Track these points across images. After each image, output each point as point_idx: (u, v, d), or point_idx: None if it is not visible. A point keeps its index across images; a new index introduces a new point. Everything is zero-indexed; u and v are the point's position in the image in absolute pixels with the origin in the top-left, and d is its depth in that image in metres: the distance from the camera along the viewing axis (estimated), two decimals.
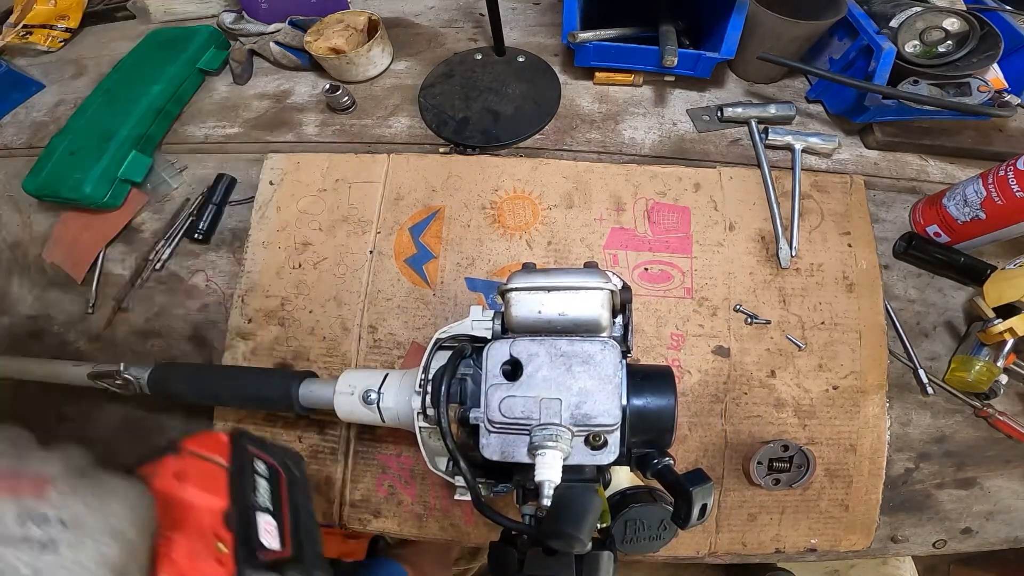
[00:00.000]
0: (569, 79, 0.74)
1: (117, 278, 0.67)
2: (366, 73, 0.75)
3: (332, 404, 0.45)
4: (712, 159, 0.68)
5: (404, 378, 0.43)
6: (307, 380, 0.48)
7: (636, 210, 0.64)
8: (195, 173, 0.72)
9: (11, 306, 0.69)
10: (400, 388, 0.43)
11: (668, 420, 0.35)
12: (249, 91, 0.77)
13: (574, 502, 0.29)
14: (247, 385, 0.50)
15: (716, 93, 0.73)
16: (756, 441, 0.56)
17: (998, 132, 0.69)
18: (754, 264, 0.62)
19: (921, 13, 0.61)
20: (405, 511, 0.57)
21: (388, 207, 0.66)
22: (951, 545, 0.58)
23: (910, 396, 0.59)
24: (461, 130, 0.69)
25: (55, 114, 0.79)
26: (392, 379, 0.44)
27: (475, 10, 0.82)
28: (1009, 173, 0.52)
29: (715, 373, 0.59)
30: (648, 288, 0.61)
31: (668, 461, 0.34)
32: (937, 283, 0.63)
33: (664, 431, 0.36)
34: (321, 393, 0.46)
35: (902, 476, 0.58)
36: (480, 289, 0.62)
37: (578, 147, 0.69)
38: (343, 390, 0.44)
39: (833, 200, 0.65)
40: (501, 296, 0.37)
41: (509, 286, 0.36)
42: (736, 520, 0.56)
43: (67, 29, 0.87)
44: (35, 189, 0.66)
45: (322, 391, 0.46)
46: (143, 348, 0.65)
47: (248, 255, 0.65)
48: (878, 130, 0.67)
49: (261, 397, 0.49)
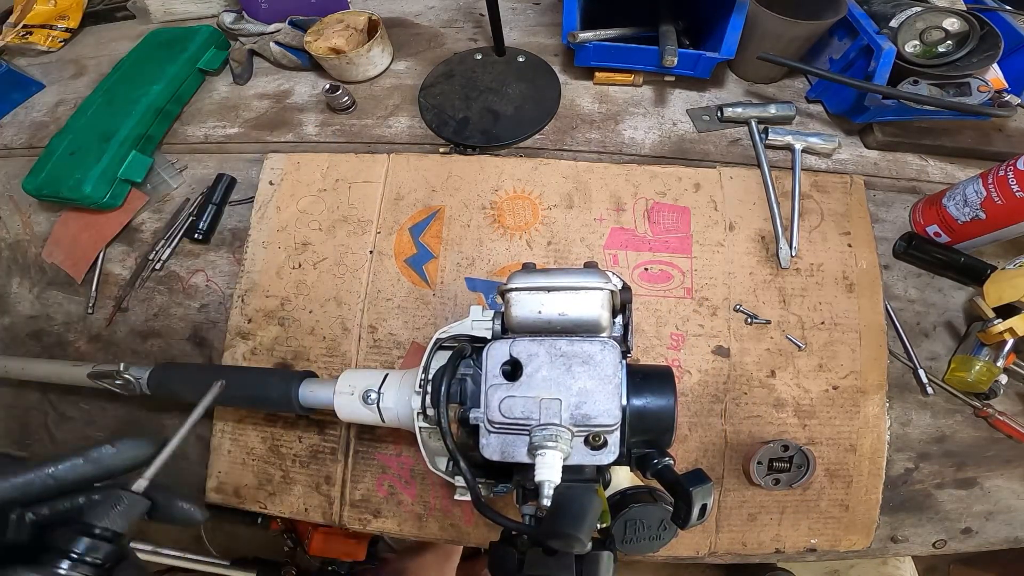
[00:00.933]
0: (569, 79, 0.74)
1: (117, 278, 0.67)
2: (366, 73, 0.75)
3: (332, 404, 0.45)
4: (712, 159, 0.68)
5: (404, 378, 0.43)
6: (307, 380, 0.48)
7: (636, 210, 0.64)
8: (195, 173, 0.72)
9: (11, 306, 0.69)
10: (400, 388, 0.43)
11: (668, 420, 0.35)
12: (249, 91, 0.77)
13: (574, 502, 0.29)
14: (247, 385, 0.50)
15: (716, 93, 0.73)
16: (756, 441, 0.56)
17: (998, 132, 0.69)
18: (754, 264, 0.62)
19: (921, 13, 0.61)
20: (405, 511, 0.57)
21: (388, 207, 0.66)
22: (951, 545, 0.58)
23: (910, 396, 0.59)
24: (461, 130, 0.69)
25: (55, 114, 0.79)
26: (392, 379, 0.44)
27: (475, 10, 0.82)
28: (1009, 173, 0.52)
29: (715, 373, 0.59)
30: (648, 288, 0.61)
31: (668, 461, 0.34)
32: (937, 283, 0.63)
33: (664, 431, 0.36)
34: (321, 393, 0.46)
35: (902, 476, 0.58)
36: (480, 289, 0.62)
37: (578, 147, 0.69)
38: (343, 390, 0.44)
39: (833, 200, 0.65)
40: (501, 296, 0.37)
41: (509, 286, 0.36)
42: (736, 520, 0.56)
43: (67, 29, 0.87)
44: (35, 189, 0.66)
45: (322, 391, 0.46)
46: (143, 348, 0.65)
47: (248, 255, 0.65)
48: (878, 130, 0.67)
49: (261, 397, 0.49)
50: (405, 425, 0.42)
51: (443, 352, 0.41)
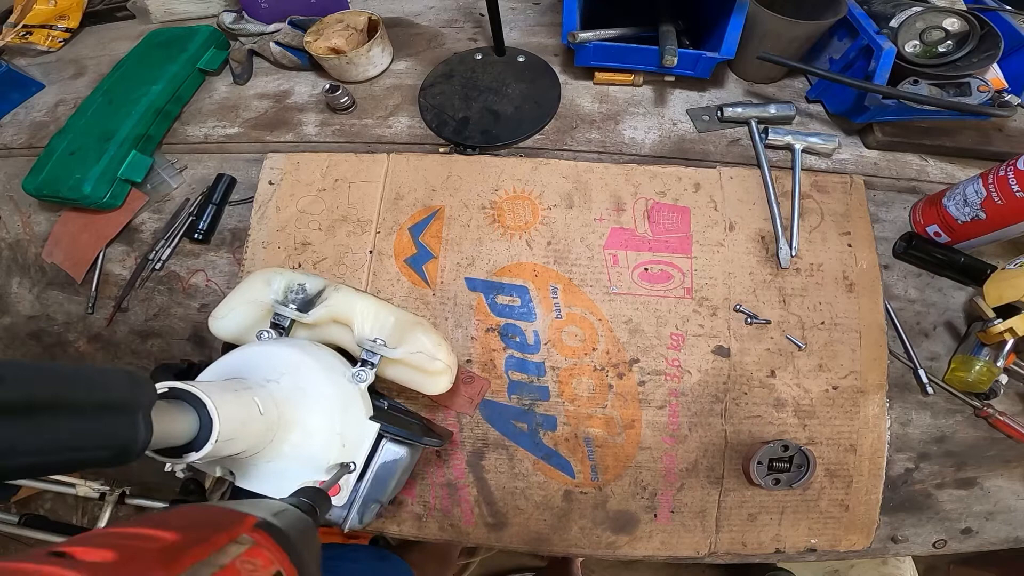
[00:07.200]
0: (569, 79, 0.74)
1: (117, 278, 0.67)
2: (366, 73, 0.75)
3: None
4: (712, 159, 0.68)
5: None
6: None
7: (636, 210, 0.64)
8: (195, 173, 0.72)
9: (11, 306, 0.69)
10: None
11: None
12: (249, 91, 0.77)
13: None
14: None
15: (716, 93, 0.73)
16: (756, 441, 0.56)
17: (998, 132, 0.69)
18: (754, 264, 0.62)
19: (921, 13, 0.61)
20: (405, 511, 0.57)
21: (388, 207, 0.66)
22: (951, 545, 0.58)
23: (910, 396, 0.59)
24: (461, 130, 0.69)
25: (55, 114, 0.79)
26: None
27: (475, 10, 0.82)
28: (1009, 173, 0.52)
29: (715, 373, 0.59)
30: (648, 288, 0.61)
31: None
32: (937, 283, 0.63)
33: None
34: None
35: (902, 476, 0.58)
36: (480, 289, 0.62)
37: (578, 147, 0.69)
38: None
39: (833, 200, 0.65)
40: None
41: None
42: (736, 520, 0.56)
43: (67, 29, 0.87)
44: (35, 189, 0.66)
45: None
46: (143, 348, 0.65)
47: (248, 255, 0.65)
48: (878, 130, 0.67)
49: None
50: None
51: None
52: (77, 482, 0.78)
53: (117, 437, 0.25)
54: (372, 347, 0.47)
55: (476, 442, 0.58)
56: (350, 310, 0.48)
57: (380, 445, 0.45)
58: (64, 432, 0.23)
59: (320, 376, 0.42)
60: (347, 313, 0.48)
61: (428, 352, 0.47)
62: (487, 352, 0.60)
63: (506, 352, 0.60)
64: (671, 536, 0.56)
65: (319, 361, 0.43)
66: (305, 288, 0.50)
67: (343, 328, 0.49)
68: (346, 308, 0.48)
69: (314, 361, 0.43)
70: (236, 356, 0.42)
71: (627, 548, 0.56)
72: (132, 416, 0.26)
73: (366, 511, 0.44)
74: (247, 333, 0.49)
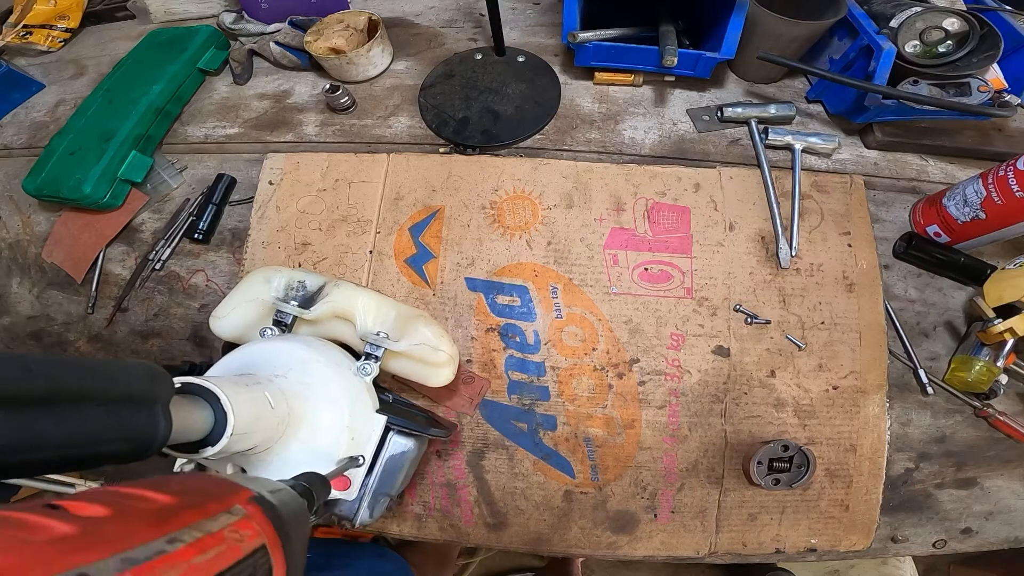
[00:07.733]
0: (569, 79, 0.74)
1: (117, 278, 0.67)
2: (366, 73, 0.75)
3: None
4: (712, 159, 0.68)
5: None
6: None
7: (636, 210, 0.64)
8: (195, 173, 0.72)
9: (11, 306, 0.69)
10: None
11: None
12: (249, 91, 0.77)
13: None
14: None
15: (716, 93, 0.73)
16: (756, 441, 0.56)
17: (998, 132, 0.69)
18: (754, 264, 0.62)
19: (921, 13, 0.61)
20: (405, 511, 0.57)
21: (388, 207, 0.66)
22: (951, 545, 0.58)
23: (910, 396, 0.59)
24: (461, 130, 0.69)
25: (55, 114, 0.79)
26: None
27: (475, 10, 0.82)
28: (1009, 173, 0.52)
29: (715, 373, 0.59)
30: (648, 288, 0.61)
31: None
32: (937, 283, 0.63)
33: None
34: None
35: (902, 476, 0.58)
36: (480, 289, 0.62)
37: (578, 147, 0.69)
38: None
39: (833, 200, 0.65)
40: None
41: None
42: (736, 520, 0.56)
43: (67, 29, 0.87)
44: (35, 189, 0.66)
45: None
46: (143, 348, 0.65)
47: (248, 255, 0.65)
48: (878, 130, 0.67)
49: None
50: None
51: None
52: (76, 482, 0.77)
53: (139, 430, 0.25)
54: (375, 340, 0.47)
55: (476, 442, 0.58)
56: (351, 305, 0.48)
57: (388, 438, 0.45)
58: (90, 424, 0.23)
59: (326, 371, 0.42)
60: (349, 308, 0.48)
61: (431, 343, 0.47)
62: (487, 352, 0.60)
63: (506, 352, 0.60)
64: (671, 536, 0.56)
65: (324, 356, 0.43)
66: (305, 285, 0.50)
67: (345, 323, 0.49)
68: (347, 303, 0.48)
69: (319, 356, 0.43)
70: (242, 353, 0.42)
71: (627, 548, 0.56)
72: (152, 409, 0.26)
73: (376, 505, 0.44)
74: (248, 332, 0.49)
